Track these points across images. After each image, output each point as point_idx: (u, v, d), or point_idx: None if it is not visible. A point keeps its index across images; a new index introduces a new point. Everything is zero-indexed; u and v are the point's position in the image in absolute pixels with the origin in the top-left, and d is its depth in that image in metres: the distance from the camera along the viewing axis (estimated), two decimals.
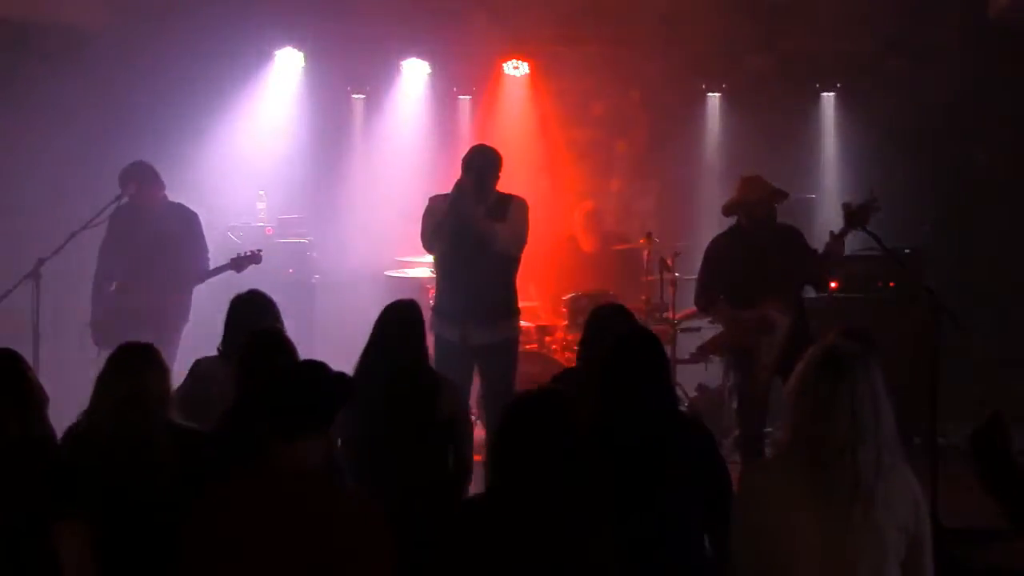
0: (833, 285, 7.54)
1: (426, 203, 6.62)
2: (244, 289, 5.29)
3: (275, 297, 5.21)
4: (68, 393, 4.47)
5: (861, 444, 3.35)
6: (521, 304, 7.25)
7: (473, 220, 6.34)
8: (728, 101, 9.13)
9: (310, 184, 9.23)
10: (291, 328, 4.96)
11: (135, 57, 8.41)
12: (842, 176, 8.77)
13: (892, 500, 3.40)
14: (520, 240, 6.55)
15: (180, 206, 7.39)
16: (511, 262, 6.56)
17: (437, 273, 6.81)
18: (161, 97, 8.54)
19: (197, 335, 6.57)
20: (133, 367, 4.07)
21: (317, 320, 8.76)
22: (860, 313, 7.46)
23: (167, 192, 7.34)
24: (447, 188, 6.43)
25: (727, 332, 6.72)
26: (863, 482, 3.34)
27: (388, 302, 5.23)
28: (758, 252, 6.46)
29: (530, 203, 6.62)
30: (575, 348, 6.21)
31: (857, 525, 3.35)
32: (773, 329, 6.41)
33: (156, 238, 7.13)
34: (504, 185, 6.56)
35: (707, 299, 6.71)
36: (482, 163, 6.50)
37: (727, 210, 6.70)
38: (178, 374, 4.68)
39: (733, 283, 6.56)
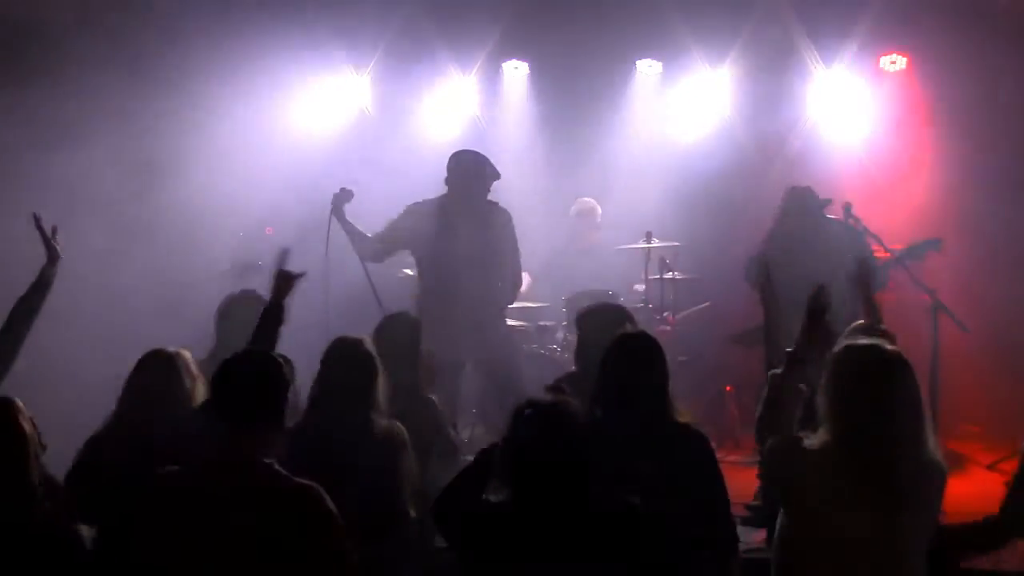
0: None
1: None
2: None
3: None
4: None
5: (921, 439, 3.42)
6: (522, 304, 7.29)
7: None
8: None
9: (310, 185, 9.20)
10: (291, 328, 4.97)
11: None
12: None
13: (931, 498, 3.49)
14: (509, 253, 6.55)
15: None
16: (501, 270, 6.57)
17: (421, 278, 6.77)
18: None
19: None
20: (163, 372, 4.22)
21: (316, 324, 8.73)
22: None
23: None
24: None
25: (755, 329, 6.76)
26: (920, 478, 3.42)
27: (389, 302, 5.26)
28: (804, 259, 6.45)
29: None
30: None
31: (911, 517, 3.43)
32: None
33: None
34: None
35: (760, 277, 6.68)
36: (469, 171, 6.50)
37: (780, 216, 6.70)
38: None
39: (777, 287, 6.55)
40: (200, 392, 4.29)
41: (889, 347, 3.54)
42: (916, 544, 3.47)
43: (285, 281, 4.45)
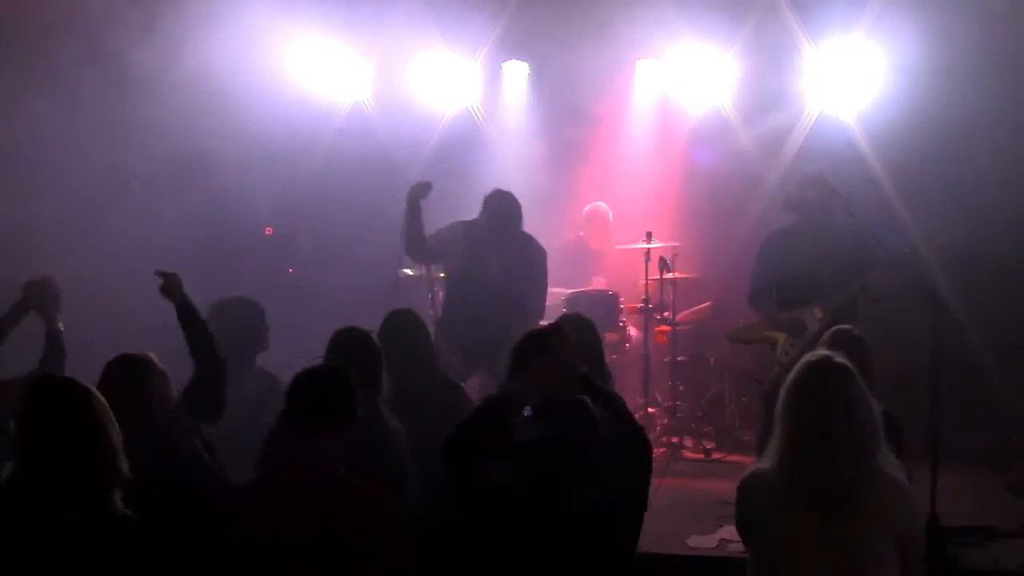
0: None
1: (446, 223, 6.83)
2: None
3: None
4: None
5: (833, 454, 3.41)
6: None
7: None
8: None
9: (310, 183, 9.22)
10: (290, 328, 4.98)
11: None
12: None
13: (878, 506, 3.42)
14: (538, 288, 6.80)
15: None
16: (525, 301, 6.69)
17: (448, 287, 6.92)
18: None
19: None
20: (132, 375, 4.14)
21: (316, 321, 8.73)
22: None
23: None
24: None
25: (756, 325, 6.75)
26: (837, 491, 3.41)
27: (390, 302, 5.28)
28: (809, 253, 6.44)
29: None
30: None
31: (837, 532, 3.41)
32: (803, 331, 6.41)
33: None
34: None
35: (756, 294, 6.69)
36: (505, 215, 6.63)
37: (787, 206, 6.70)
38: None
39: (781, 282, 6.56)
40: (172, 390, 4.28)
41: (836, 359, 3.55)
42: (880, 557, 3.43)
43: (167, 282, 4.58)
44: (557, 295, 8.13)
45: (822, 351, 3.68)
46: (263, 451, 4.16)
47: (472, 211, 6.96)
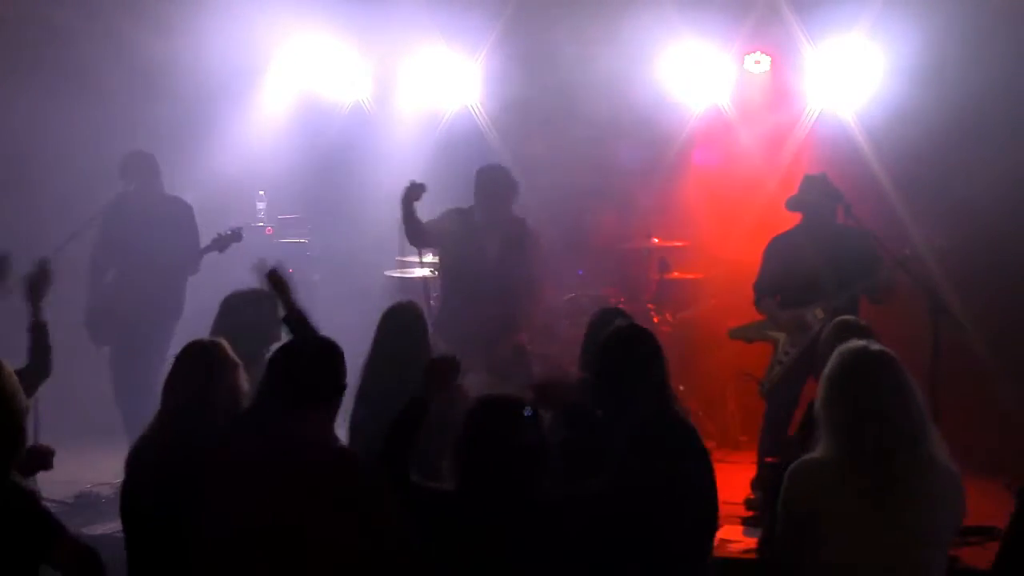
0: None
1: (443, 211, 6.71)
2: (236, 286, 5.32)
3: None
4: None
5: (918, 438, 3.41)
6: None
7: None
8: None
9: (310, 183, 9.22)
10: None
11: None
12: None
13: (933, 493, 3.42)
14: (532, 272, 6.61)
15: (175, 198, 7.42)
16: (521, 286, 6.64)
17: (443, 278, 6.87)
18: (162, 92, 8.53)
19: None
20: (203, 364, 4.05)
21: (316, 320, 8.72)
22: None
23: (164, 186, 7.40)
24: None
25: (756, 324, 6.76)
26: (895, 477, 3.39)
27: (389, 302, 5.26)
28: (813, 255, 6.45)
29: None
30: (576, 348, 6.19)
31: (893, 519, 3.40)
32: (804, 330, 6.42)
33: (154, 230, 7.13)
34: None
35: (760, 296, 6.71)
36: (498, 187, 6.57)
37: (790, 207, 6.71)
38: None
39: (785, 283, 6.57)
40: (243, 380, 4.11)
41: (875, 346, 3.55)
42: (934, 544, 3.44)
43: (280, 281, 4.44)
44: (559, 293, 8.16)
45: (857, 342, 3.63)
46: (246, 423, 3.88)
47: None
